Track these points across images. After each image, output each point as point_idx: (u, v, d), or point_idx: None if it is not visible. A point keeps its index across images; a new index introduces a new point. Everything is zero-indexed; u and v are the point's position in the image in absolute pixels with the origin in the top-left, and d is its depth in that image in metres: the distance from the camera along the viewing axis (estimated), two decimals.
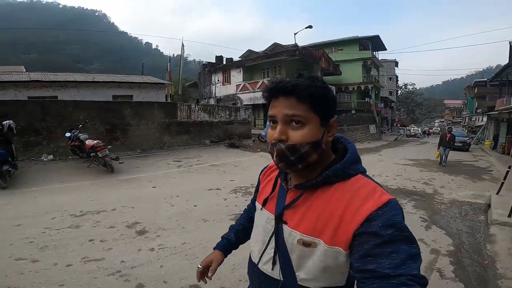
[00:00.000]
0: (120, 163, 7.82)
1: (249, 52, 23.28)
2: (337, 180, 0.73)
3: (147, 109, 10.83)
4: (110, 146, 7.73)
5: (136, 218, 4.15)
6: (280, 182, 0.87)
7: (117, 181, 6.51)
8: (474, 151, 17.38)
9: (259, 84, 19.38)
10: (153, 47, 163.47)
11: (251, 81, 20.40)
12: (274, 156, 0.73)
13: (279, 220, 0.79)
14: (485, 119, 25.55)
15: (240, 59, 23.46)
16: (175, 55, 20.18)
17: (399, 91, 48.76)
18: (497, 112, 16.52)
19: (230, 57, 25.06)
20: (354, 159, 0.77)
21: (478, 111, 29.01)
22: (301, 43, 21.07)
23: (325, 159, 0.77)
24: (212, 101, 22.57)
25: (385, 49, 30.66)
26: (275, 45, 21.89)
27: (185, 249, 3.23)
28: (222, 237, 1.12)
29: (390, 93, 40.03)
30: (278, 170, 0.89)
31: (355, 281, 0.70)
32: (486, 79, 27.74)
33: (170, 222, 4.08)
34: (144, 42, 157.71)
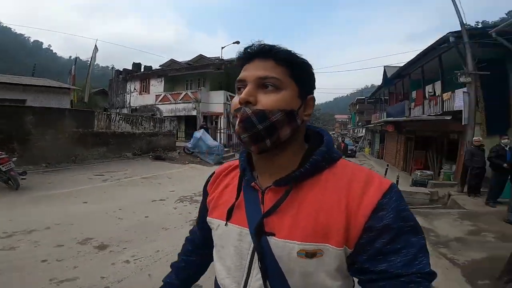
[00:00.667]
0: (22, 178, 6.51)
1: (172, 61, 22.57)
2: (326, 165, 0.60)
3: (55, 116, 9.27)
4: (15, 158, 6.38)
5: (84, 234, 3.77)
6: (246, 183, 0.65)
7: (29, 198, 5.47)
8: (359, 157, 21.91)
9: (182, 95, 19.07)
10: (44, 47, 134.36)
11: (173, 92, 19.82)
12: (237, 123, 0.56)
13: (261, 233, 0.57)
14: (364, 130, 32.27)
15: (160, 68, 22.47)
16: (72, 57, 17.14)
17: None
18: (372, 125, 21.38)
19: (149, 65, 23.65)
20: (333, 141, 0.65)
21: (359, 124, 36.25)
22: (222, 55, 21.87)
23: (300, 146, 0.63)
24: (125, 111, 20.63)
25: None
26: (201, 57, 21.98)
27: (163, 256, 3.25)
28: (163, 281, 0.87)
29: None
30: (238, 170, 0.70)
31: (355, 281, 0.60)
32: (364, 97, 34.40)
33: (128, 234, 3.90)
34: (32, 40, 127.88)
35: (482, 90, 7.56)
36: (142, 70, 22.94)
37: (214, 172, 0.78)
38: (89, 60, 17.35)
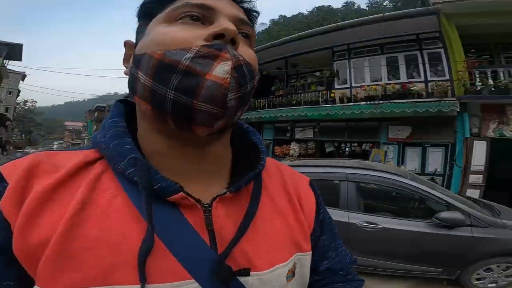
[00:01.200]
0: None
1: None
2: None
3: None
4: None
5: None
6: (154, 198, 0.33)
7: None
8: None
9: None
10: None
11: None
12: (228, 70, 0.31)
13: (230, 276, 0.34)
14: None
15: None
16: None
17: (18, 108, 41.78)
18: None
19: None
20: None
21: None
22: None
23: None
24: None
25: (21, 59, 25.36)
26: None
27: None
28: None
29: (7, 110, 33.03)
30: (98, 172, 0.36)
31: None
32: (106, 105, 32.45)
33: None
34: None
35: None
36: None
37: (14, 167, 0.33)
38: None
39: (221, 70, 0.31)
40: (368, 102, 7.00)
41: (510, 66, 6.21)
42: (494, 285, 2.85)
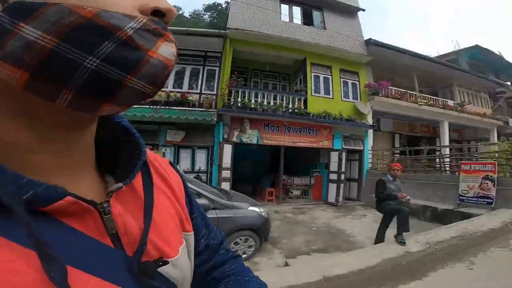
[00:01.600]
0: None
1: None
2: None
3: None
4: None
5: None
6: (28, 215, 0.23)
7: None
8: None
9: None
10: None
11: None
12: (174, 52, 0.29)
13: (153, 272, 0.33)
14: None
15: None
16: None
17: None
18: None
19: None
20: None
21: None
22: None
23: None
24: None
25: None
26: None
27: None
28: None
29: None
30: None
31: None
32: None
33: None
34: None
35: None
36: None
37: None
38: None
39: (167, 50, 0.28)
40: (151, 106, 7.27)
41: (254, 89, 8.79)
42: (245, 255, 3.78)
